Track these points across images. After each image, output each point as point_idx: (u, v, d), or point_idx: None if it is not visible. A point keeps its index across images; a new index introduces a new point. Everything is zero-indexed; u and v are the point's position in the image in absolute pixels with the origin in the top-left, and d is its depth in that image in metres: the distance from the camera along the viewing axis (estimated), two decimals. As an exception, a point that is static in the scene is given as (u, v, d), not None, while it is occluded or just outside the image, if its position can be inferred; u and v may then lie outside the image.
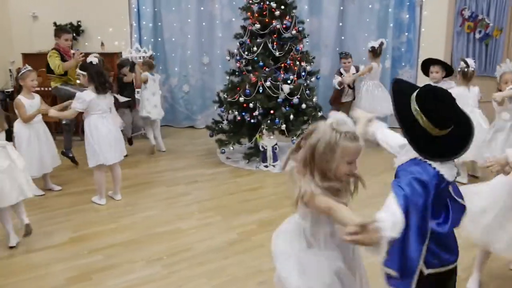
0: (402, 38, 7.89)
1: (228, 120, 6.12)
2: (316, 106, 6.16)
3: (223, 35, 7.71)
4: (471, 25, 7.76)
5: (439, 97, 1.98)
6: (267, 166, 5.86)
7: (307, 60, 6.06)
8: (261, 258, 3.65)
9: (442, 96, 1.99)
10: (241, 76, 6.01)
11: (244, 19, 6.11)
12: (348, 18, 7.89)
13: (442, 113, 1.96)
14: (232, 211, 4.61)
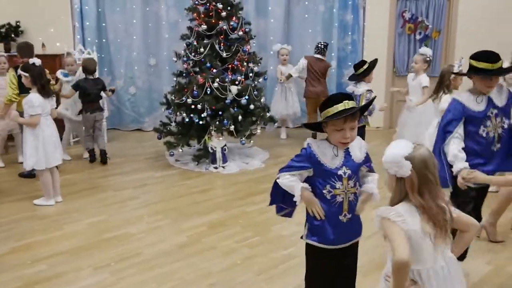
0: (347, 39, 8.09)
1: (176, 122, 6.05)
2: (264, 106, 6.21)
3: (170, 36, 7.63)
4: (411, 26, 8.05)
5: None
6: (216, 168, 5.84)
7: (254, 61, 6.10)
8: (212, 259, 3.64)
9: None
10: (189, 78, 5.96)
11: (190, 20, 6.07)
12: (294, 20, 8.01)
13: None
14: (182, 213, 4.56)
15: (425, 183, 1.91)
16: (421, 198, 1.90)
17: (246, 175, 5.74)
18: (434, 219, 1.89)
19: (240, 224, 4.30)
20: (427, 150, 1.96)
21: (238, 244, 3.92)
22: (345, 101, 2.23)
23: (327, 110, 2.25)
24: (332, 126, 2.27)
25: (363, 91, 5.31)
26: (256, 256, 3.71)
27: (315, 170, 2.32)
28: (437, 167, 1.96)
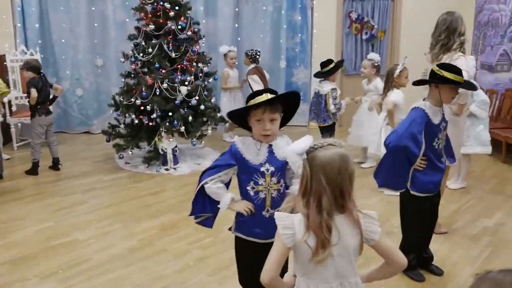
0: (296, 39, 8.18)
1: (125, 124, 5.94)
2: (215, 107, 6.19)
3: (117, 36, 7.47)
4: (358, 26, 8.25)
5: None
6: (168, 169, 5.78)
7: (204, 61, 6.07)
8: (164, 262, 3.60)
9: None
10: (137, 78, 5.86)
11: (137, 20, 5.97)
12: (243, 20, 8.02)
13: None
14: (133, 217, 4.48)
15: (316, 189, 1.71)
16: (304, 205, 1.73)
17: (198, 176, 5.65)
18: (313, 230, 1.70)
19: (192, 225, 4.20)
20: (337, 154, 1.72)
21: (190, 245, 3.89)
22: (267, 93, 2.29)
23: (249, 102, 2.33)
24: (253, 117, 2.33)
25: (328, 90, 5.45)
26: (208, 257, 3.70)
27: (240, 167, 2.40)
28: (348, 175, 1.72)
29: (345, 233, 1.74)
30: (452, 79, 3.00)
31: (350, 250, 1.76)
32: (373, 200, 4.92)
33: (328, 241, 1.69)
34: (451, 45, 3.88)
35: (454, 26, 3.89)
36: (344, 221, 1.74)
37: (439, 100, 3.11)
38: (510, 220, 4.45)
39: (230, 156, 2.41)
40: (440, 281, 3.37)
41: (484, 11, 7.53)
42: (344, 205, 1.73)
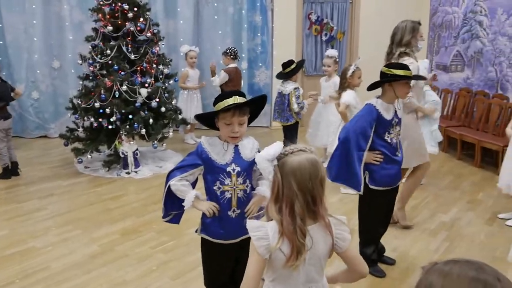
0: (257, 40, 8.21)
1: (84, 127, 5.81)
2: (176, 109, 6.13)
3: (74, 38, 7.30)
4: (318, 28, 8.36)
5: None
6: (129, 173, 5.69)
7: (164, 63, 6.00)
8: (126, 268, 3.54)
9: None
10: (96, 81, 5.74)
11: (95, 21, 5.85)
12: (203, 21, 7.99)
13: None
14: (93, 222, 4.39)
15: (288, 195, 1.69)
16: (278, 211, 1.71)
17: (160, 179, 5.63)
18: (287, 237, 1.68)
19: (154, 229, 4.22)
20: (307, 159, 1.70)
21: (153, 250, 3.85)
22: (235, 96, 2.32)
23: (218, 104, 2.34)
24: (222, 120, 2.35)
25: (291, 89, 5.50)
26: (171, 260, 3.66)
27: (206, 166, 2.40)
28: (319, 180, 1.70)
29: (317, 239, 1.73)
30: (402, 75, 3.13)
31: (321, 256, 1.77)
32: (333, 199, 5.00)
33: (303, 246, 1.68)
34: (392, 54, 4.03)
35: (395, 36, 4.03)
36: (317, 228, 1.74)
37: (393, 97, 3.23)
38: (466, 215, 4.61)
39: (196, 156, 2.42)
40: (400, 275, 3.45)
41: (438, 13, 7.78)
42: (316, 211, 1.72)
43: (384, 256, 3.62)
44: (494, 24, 6.57)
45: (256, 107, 2.49)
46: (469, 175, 5.80)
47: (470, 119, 6.75)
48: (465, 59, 7.16)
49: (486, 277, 0.95)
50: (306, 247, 1.68)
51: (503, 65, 6.43)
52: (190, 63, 7.13)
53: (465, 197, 5.10)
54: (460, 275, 0.96)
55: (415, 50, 4.02)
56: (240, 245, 2.47)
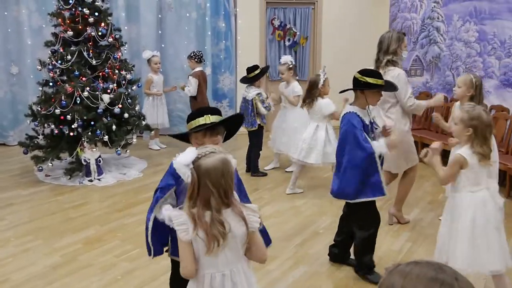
0: (221, 45, 8.21)
1: (45, 135, 5.66)
2: (139, 115, 6.06)
3: (33, 43, 7.11)
4: (281, 33, 8.43)
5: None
6: (91, 180, 5.57)
7: (126, 68, 5.92)
8: (89, 278, 3.47)
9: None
10: (56, 87, 5.61)
11: (55, 25, 5.72)
12: (167, 26, 7.93)
13: None
14: (55, 232, 4.28)
15: (204, 192, 1.92)
16: (193, 206, 1.93)
17: (124, 186, 5.56)
18: (204, 228, 1.90)
19: (118, 237, 4.15)
20: (218, 160, 1.93)
21: (117, 258, 3.78)
22: (207, 115, 2.32)
23: (189, 123, 2.36)
24: (194, 139, 2.36)
25: (254, 95, 5.52)
26: (137, 269, 3.61)
27: (178, 186, 2.34)
28: (229, 176, 1.94)
29: (233, 224, 1.95)
30: (374, 83, 3.21)
31: (237, 239, 1.97)
32: (299, 202, 5.04)
33: (224, 233, 1.90)
34: (380, 62, 4.17)
35: (382, 45, 4.17)
36: (230, 213, 1.96)
37: (364, 104, 3.31)
38: (428, 215, 4.73)
39: (171, 176, 2.35)
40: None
41: (398, 19, 7.98)
42: (228, 202, 1.96)
43: (350, 259, 3.67)
44: (450, 30, 6.80)
45: (231, 124, 2.46)
46: (430, 176, 5.95)
47: (430, 122, 6.94)
48: (424, 63, 7.37)
49: (444, 276, 0.98)
50: (225, 232, 1.91)
51: (459, 69, 6.65)
52: (154, 69, 7.03)
53: (427, 197, 5.24)
54: (420, 275, 0.99)
55: (399, 59, 4.14)
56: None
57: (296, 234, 4.27)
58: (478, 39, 6.29)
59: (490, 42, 6.08)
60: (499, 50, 5.96)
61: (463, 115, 2.86)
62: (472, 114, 2.84)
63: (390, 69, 4.08)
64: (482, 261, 2.85)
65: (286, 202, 5.07)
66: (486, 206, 2.89)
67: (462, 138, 2.93)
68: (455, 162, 2.91)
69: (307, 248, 4.02)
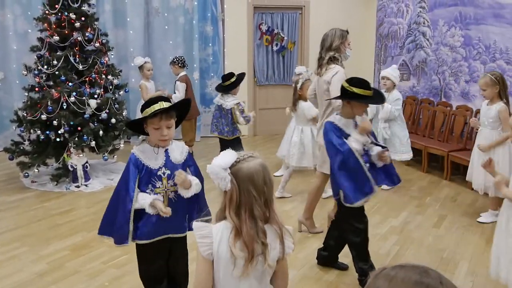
0: (208, 50, 8.21)
1: (31, 140, 5.60)
2: (126, 120, 6.01)
3: (18, 48, 7.05)
4: (268, 38, 8.45)
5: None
6: (78, 186, 5.52)
7: (113, 73, 5.89)
8: (76, 285, 3.43)
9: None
10: (42, 92, 5.56)
11: (40, 30, 5.68)
12: (154, 31, 7.92)
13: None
14: (41, 239, 4.23)
15: (246, 200, 1.72)
16: (236, 216, 1.72)
17: (111, 191, 5.35)
18: (246, 241, 1.69)
19: (106, 243, 4.09)
20: (259, 164, 1.75)
21: (105, 265, 3.75)
22: (161, 101, 2.49)
23: (145, 111, 2.51)
24: (151, 125, 2.53)
25: (233, 104, 5.40)
26: (125, 275, 3.58)
27: (140, 173, 2.59)
28: (271, 183, 1.77)
29: (270, 241, 1.75)
30: (361, 94, 3.14)
31: (269, 262, 1.76)
32: (288, 207, 5.05)
33: (265, 245, 1.72)
34: (322, 59, 4.15)
35: (325, 42, 4.16)
36: (269, 229, 1.76)
37: (350, 113, 3.26)
38: (415, 219, 4.76)
39: (133, 167, 2.59)
40: (353, 281, 3.50)
41: (384, 24, 8.04)
42: (269, 215, 1.76)
43: (338, 262, 3.68)
44: (436, 34, 6.87)
45: (181, 111, 2.69)
46: (417, 180, 6.00)
47: (417, 126, 7.00)
48: (411, 68, 7.43)
49: (429, 280, 0.99)
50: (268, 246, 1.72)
51: (445, 74, 6.72)
52: (147, 75, 6.79)
53: (414, 201, 5.27)
54: (405, 279, 1.00)
55: (343, 57, 4.13)
56: (171, 242, 2.75)
57: (285, 238, 4.26)
58: (463, 44, 6.37)
59: (475, 47, 6.15)
60: (484, 55, 6.03)
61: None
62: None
63: (331, 67, 4.03)
64: None
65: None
66: None
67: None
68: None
69: (295, 252, 4.00)
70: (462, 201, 5.25)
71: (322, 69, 4.12)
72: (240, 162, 1.75)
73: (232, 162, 1.74)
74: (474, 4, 6.15)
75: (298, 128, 5.23)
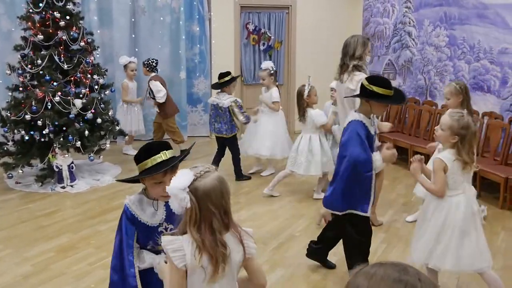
0: (195, 49, 8.17)
1: (15, 141, 5.53)
2: (113, 120, 5.97)
3: (2, 47, 6.92)
4: (255, 37, 8.45)
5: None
6: (64, 187, 5.46)
7: (99, 73, 5.82)
8: (62, 287, 3.41)
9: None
10: (26, 92, 5.48)
11: (24, 29, 5.60)
12: (140, 30, 7.85)
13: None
14: (26, 240, 4.17)
15: (206, 215, 1.78)
16: (197, 231, 1.77)
17: (97, 192, 5.46)
18: (210, 253, 1.77)
19: (92, 245, 4.07)
20: (215, 179, 1.80)
21: (91, 266, 3.71)
22: (163, 151, 2.17)
23: (144, 162, 2.18)
24: (151, 179, 2.17)
25: (229, 102, 5.47)
26: (111, 276, 3.54)
27: (137, 228, 2.25)
28: (227, 194, 1.83)
29: (232, 247, 1.84)
30: (381, 93, 3.07)
31: (234, 265, 1.86)
32: (275, 206, 5.04)
33: (225, 255, 1.79)
34: (345, 67, 4.18)
35: (348, 49, 4.16)
36: (230, 238, 1.85)
37: (369, 112, 3.19)
38: (402, 217, 4.79)
39: (129, 222, 2.24)
40: (341, 279, 3.51)
41: (371, 24, 8.09)
42: (228, 223, 1.84)
43: (326, 261, 3.69)
44: (422, 34, 6.93)
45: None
46: (403, 178, 6.04)
47: (403, 125, 7.05)
48: (397, 67, 7.49)
49: (408, 278, 1.00)
50: (227, 255, 1.80)
51: (431, 73, 6.78)
52: (130, 75, 6.87)
53: (400, 199, 5.31)
54: (384, 277, 1.01)
55: (364, 64, 4.17)
56: None
57: (272, 237, 4.27)
58: (448, 44, 6.43)
59: (460, 46, 6.22)
60: (468, 55, 6.10)
61: (453, 124, 2.88)
62: (462, 124, 2.87)
63: (356, 74, 4.07)
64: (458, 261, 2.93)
65: (263, 205, 5.06)
66: (459, 209, 2.94)
67: (446, 143, 2.96)
68: (437, 167, 2.94)
69: (283, 251, 4.02)
70: (448, 199, 5.30)
71: (346, 76, 4.12)
72: (197, 180, 1.78)
73: (190, 181, 1.77)
74: (458, 4, 6.21)
75: (306, 137, 5.17)
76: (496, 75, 5.56)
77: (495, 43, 5.68)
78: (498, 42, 5.64)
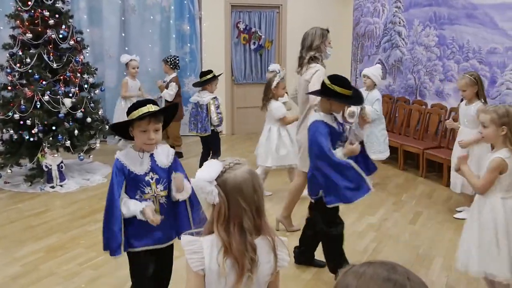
0: (186, 48, 8.15)
1: (3, 140, 5.49)
2: (103, 119, 5.94)
3: (-10, 46, 6.87)
4: (246, 37, 8.44)
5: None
6: (53, 187, 5.42)
7: (88, 71, 5.80)
8: (52, 287, 3.37)
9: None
10: (15, 91, 5.44)
11: (13, 28, 5.55)
12: (130, 29, 7.82)
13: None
14: (15, 241, 4.14)
15: (236, 213, 1.60)
16: (225, 231, 1.60)
17: (87, 192, 5.43)
18: (236, 257, 1.58)
19: (82, 245, 4.05)
20: (247, 172, 1.63)
21: (81, 266, 3.69)
22: (149, 105, 2.41)
23: (132, 113, 2.41)
24: (138, 128, 2.43)
25: (209, 99, 5.40)
26: (101, 276, 3.53)
27: (126, 179, 2.49)
28: (261, 190, 1.65)
29: (261, 257, 1.63)
30: (341, 93, 3.13)
31: (261, 278, 1.66)
32: (267, 205, 5.03)
33: (254, 261, 1.60)
34: (302, 59, 4.13)
35: (306, 41, 4.13)
36: (261, 243, 1.64)
37: (328, 110, 3.24)
38: (392, 216, 4.81)
39: (119, 172, 2.48)
40: (331, 278, 3.52)
41: (361, 24, 8.12)
42: (260, 225, 1.64)
43: (315, 259, 3.70)
44: (411, 34, 6.97)
45: (168, 115, 2.61)
46: (393, 177, 6.07)
47: (393, 124, 7.08)
48: (387, 67, 7.52)
49: (397, 277, 1.00)
50: (256, 261, 1.60)
51: (421, 73, 6.82)
52: (132, 73, 6.63)
53: (391, 198, 5.33)
54: (373, 276, 1.01)
55: (324, 56, 4.13)
56: (161, 253, 2.64)
57: (263, 237, 4.26)
58: (438, 44, 6.47)
59: (449, 46, 6.26)
60: (457, 54, 6.14)
61: (493, 116, 2.71)
62: (501, 112, 2.69)
63: (311, 66, 4.03)
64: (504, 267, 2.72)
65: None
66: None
67: (497, 140, 2.76)
68: (496, 166, 2.72)
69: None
70: (437, 198, 5.34)
71: (303, 69, 4.11)
72: (226, 172, 1.61)
73: (218, 173, 1.60)
74: (448, 4, 6.26)
75: (266, 127, 5.14)
76: (485, 75, 5.60)
77: (483, 43, 5.72)
78: (486, 42, 5.69)
